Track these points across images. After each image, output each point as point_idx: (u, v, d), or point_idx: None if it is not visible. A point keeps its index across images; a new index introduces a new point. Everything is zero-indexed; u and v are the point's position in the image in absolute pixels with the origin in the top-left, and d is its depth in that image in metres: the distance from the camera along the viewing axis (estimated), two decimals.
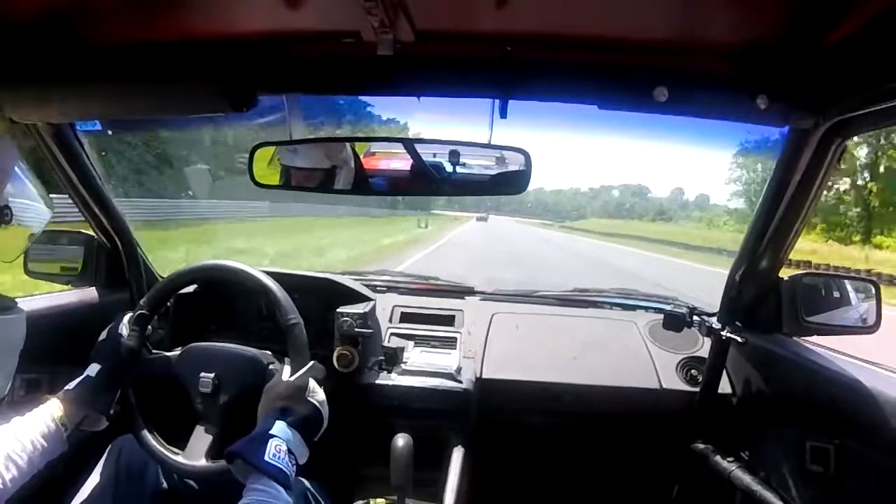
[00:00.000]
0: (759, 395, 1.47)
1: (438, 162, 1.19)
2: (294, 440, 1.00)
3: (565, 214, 68.68)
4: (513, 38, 1.01)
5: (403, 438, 1.32)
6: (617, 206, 71.14)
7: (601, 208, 73.12)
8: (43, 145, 1.37)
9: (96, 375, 1.16)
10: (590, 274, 13.71)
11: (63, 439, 1.08)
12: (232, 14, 1.01)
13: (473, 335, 1.71)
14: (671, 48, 1.01)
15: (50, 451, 1.05)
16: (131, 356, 1.22)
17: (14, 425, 1.03)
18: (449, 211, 42.74)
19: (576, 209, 75.35)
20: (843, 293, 1.44)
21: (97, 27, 1.02)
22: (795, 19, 0.89)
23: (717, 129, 1.12)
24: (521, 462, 1.80)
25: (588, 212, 71.66)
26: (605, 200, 78.69)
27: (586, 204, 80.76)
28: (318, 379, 1.11)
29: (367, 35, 0.94)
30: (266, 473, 0.92)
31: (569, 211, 73.68)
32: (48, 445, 1.05)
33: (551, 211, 72.18)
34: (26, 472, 1.01)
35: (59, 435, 1.07)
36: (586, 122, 3.85)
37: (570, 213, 69.92)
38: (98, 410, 1.15)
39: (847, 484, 1.14)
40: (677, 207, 56.39)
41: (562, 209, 74.98)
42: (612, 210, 69.42)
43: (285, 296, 1.20)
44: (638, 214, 59.08)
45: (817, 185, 1.23)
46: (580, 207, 77.48)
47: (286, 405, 1.04)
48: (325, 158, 1.24)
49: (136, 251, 1.70)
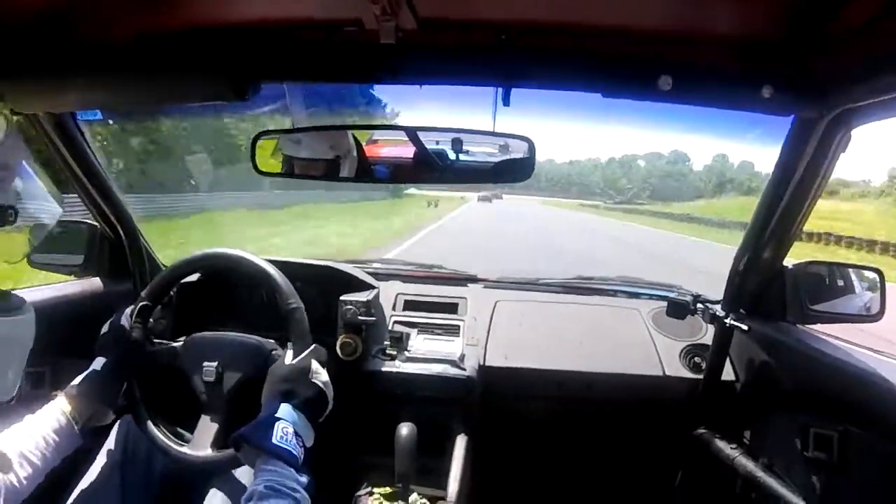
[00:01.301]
0: (763, 383, 1.48)
1: (441, 149, 1.19)
2: (300, 422, 1.01)
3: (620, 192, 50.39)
4: (516, 25, 1.00)
5: (407, 427, 1.33)
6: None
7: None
8: (44, 135, 1.37)
9: (102, 369, 1.17)
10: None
11: (76, 434, 1.09)
12: (234, 2, 1.00)
13: (477, 322, 1.71)
14: (676, 37, 1.00)
15: (64, 446, 1.07)
16: (135, 348, 1.23)
17: (27, 424, 1.04)
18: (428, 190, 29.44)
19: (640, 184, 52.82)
20: (847, 281, 1.44)
21: (98, 17, 1.02)
22: (801, 8, 0.88)
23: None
24: (524, 449, 1.82)
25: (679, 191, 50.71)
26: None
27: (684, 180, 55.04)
28: (321, 361, 1.12)
29: (369, 23, 0.93)
30: (275, 455, 0.93)
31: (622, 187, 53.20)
32: (61, 441, 1.06)
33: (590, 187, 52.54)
34: (42, 470, 1.02)
35: (71, 430, 1.08)
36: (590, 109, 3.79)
37: (625, 190, 51.61)
38: (105, 404, 1.16)
39: (850, 471, 1.14)
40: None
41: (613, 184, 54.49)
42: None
43: (286, 281, 1.20)
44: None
45: (822, 175, 1.22)
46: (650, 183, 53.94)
47: (290, 388, 1.05)
48: (327, 146, 1.23)
49: (139, 241, 1.71)
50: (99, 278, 1.68)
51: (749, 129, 1.36)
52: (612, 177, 63.53)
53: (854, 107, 1.03)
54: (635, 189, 50.79)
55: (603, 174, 63.22)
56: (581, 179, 59.59)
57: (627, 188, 57.09)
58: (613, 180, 61.05)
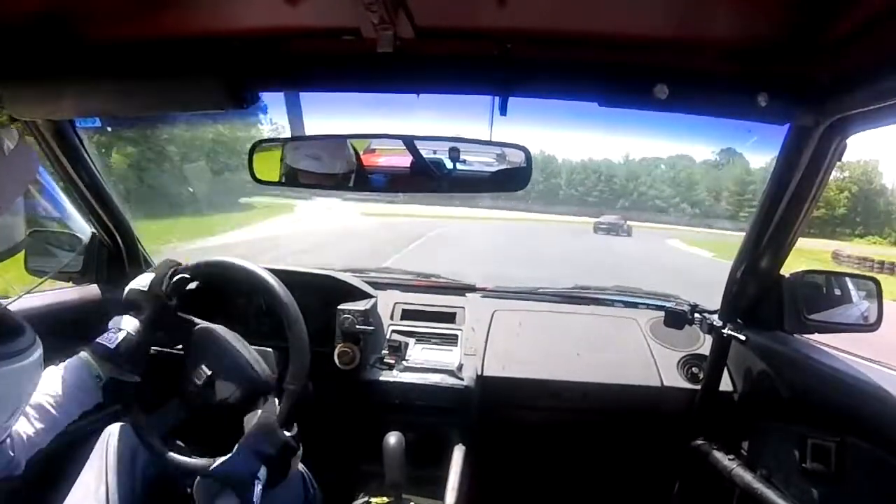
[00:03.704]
0: (761, 393, 1.47)
1: (439, 159, 1.19)
2: (265, 478, 1.08)
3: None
4: (513, 35, 1.01)
5: (395, 436, 1.32)
6: None
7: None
8: (42, 142, 1.37)
9: (132, 329, 1.15)
10: None
11: (98, 390, 1.08)
12: (232, 11, 1.01)
13: (475, 332, 1.71)
14: (671, 46, 1.01)
15: (85, 402, 1.07)
16: (169, 310, 1.21)
17: (48, 375, 1.03)
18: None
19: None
20: (844, 291, 1.44)
21: (97, 24, 1.02)
22: (796, 17, 0.89)
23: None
24: (522, 459, 1.81)
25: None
26: None
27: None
28: (287, 412, 1.14)
29: (367, 32, 0.94)
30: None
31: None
32: (83, 396, 1.06)
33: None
34: (60, 422, 1.02)
35: (94, 386, 1.08)
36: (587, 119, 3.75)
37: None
38: (130, 364, 1.14)
39: (848, 481, 1.14)
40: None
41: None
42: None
43: (286, 292, 1.19)
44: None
45: (818, 183, 1.23)
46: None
47: (260, 448, 1.09)
48: (325, 155, 1.23)
49: (137, 248, 1.71)
50: (97, 285, 1.67)
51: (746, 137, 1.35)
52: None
53: (850, 115, 1.03)
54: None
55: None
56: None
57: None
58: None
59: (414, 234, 15.07)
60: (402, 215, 19.61)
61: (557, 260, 12.37)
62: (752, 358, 1.50)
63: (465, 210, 21.02)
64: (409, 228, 16.32)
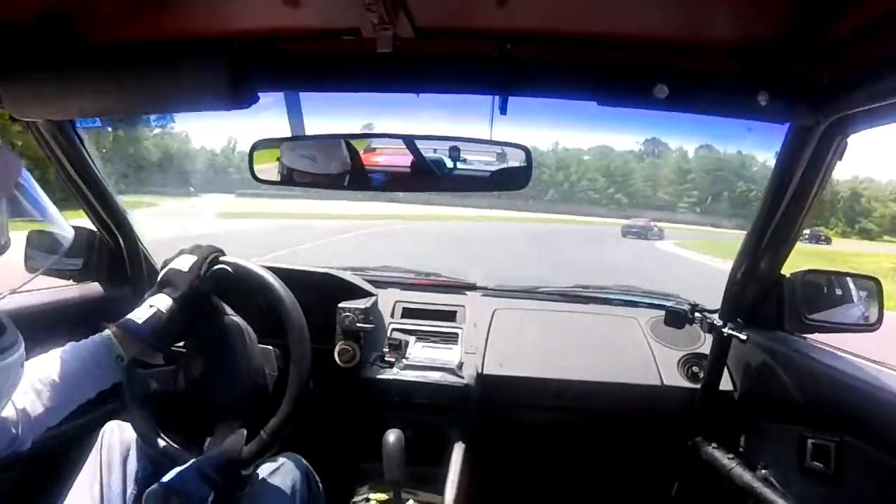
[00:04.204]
0: (761, 393, 1.47)
1: (439, 158, 1.19)
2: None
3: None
4: (512, 35, 1.00)
5: (394, 434, 1.31)
6: None
7: None
8: (42, 142, 1.37)
9: (165, 308, 1.12)
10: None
11: (117, 370, 1.06)
12: (232, 11, 1.01)
13: (475, 330, 1.71)
14: (671, 45, 1.00)
15: (103, 379, 1.04)
16: (204, 294, 1.19)
17: (67, 350, 1.01)
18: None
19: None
20: (845, 291, 1.43)
21: (96, 24, 1.02)
22: (796, 16, 0.88)
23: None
24: (521, 458, 1.81)
25: None
26: None
27: None
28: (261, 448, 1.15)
29: (366, 32, 0.94)
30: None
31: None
32: (102, 375, 1.03)
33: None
34: (75, 400, 1.00)
35: (114, 365, 1.05)
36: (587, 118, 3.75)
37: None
38: (156, 344, 1.12)
39: (847, 482, 1.14)
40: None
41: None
42: None
43: (288, 293, 1.19)
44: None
45: (819, 183, 1.22)
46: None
47: (216, 478, 1.09)
48: (324, 154, 1.23)
49: (137, 247, 1.71)
50: (98, 283, 1.68)
51: (745, 136, 1.34)
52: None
53: (850, 114, 1.03)
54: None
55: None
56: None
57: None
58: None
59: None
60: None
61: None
62: (752, 357, 1.50)
63: (474, 211, 19.40)
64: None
